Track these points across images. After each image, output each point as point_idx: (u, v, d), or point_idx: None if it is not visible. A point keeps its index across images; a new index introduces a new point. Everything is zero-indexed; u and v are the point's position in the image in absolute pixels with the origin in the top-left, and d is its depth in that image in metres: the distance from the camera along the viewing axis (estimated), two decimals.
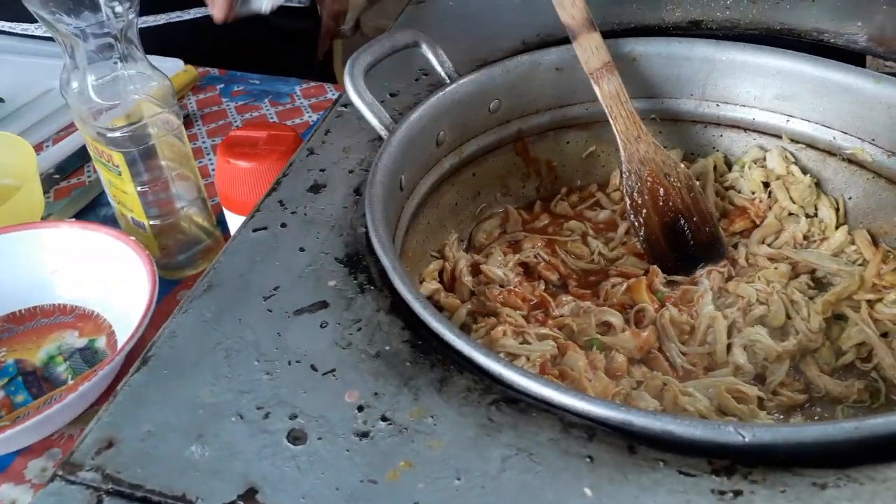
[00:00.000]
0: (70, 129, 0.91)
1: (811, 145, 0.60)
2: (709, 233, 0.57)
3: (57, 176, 0.85)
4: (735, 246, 0.59)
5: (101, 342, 0.64)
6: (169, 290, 0.68)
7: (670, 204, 0.57)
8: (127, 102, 0.62)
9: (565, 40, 0.58)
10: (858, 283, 0.53)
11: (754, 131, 0.62)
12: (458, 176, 0.61)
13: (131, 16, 0.59)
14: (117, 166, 0.63)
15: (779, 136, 0.61)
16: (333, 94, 0.96)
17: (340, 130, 0.57)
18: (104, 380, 0.58)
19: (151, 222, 0.67)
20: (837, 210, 0.59)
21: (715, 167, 0.63)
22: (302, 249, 0.46)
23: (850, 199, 0.59)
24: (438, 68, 0.58)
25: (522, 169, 0.65)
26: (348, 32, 2.10)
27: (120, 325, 0.64)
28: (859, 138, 0.57)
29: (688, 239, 0.57)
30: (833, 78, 0.56)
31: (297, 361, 0.39)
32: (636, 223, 0.58)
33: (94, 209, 0.80)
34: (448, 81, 0.58)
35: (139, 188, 0.65)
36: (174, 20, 1.06)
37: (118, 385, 0.39)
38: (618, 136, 0.57)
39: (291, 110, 0.93)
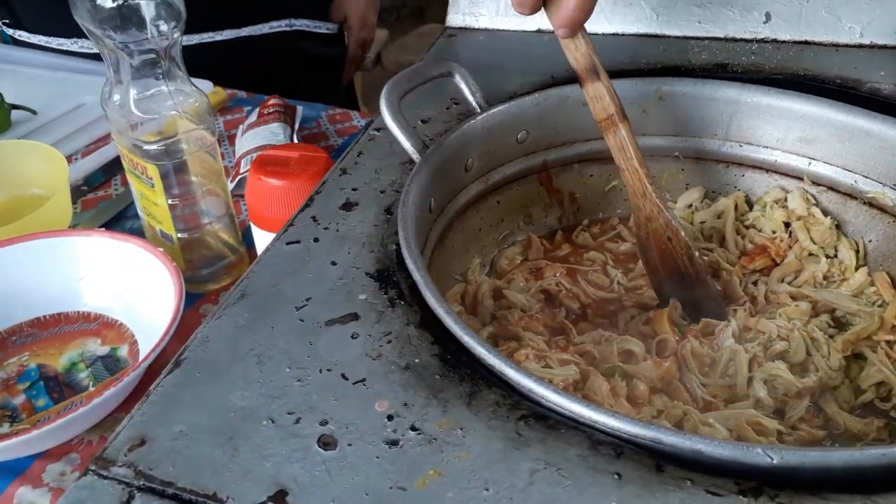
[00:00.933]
0: (99, 143, 0.93)
1: (832, 188, 0.61)
2: (710, 296, 0.57)
3: (85, 188, 0.87)
4: (755, 283, 0.60)
5: (124, 351, 0.64)
6: (192, 303, 0.69)
7: (670, 264, 0.57)
8: (164, 117, 0.64)
9: None
10: (878, 324, 0.54)
11: (776, 172, 0.63)
12: (484, 202, 0.62)
13: (176, 35, 0.61)
14: (151, 178, 0.64)
15: (800, 178, 0.62)
16: (359, 121, 0.98)
17: (372, 153, 0.58)
18: (126, 388, 0.58)
19: (179, 235, 0.68)
20: (857, 252, 0.59)
21: (736, 206, 0.64)
22: (334, 263, 0.47)
23: (870, 241, 0.59)
24: (470, 98, 0.60)
25: (545, 199, 0.66)
26: (369, 66, 2.15)
27: (143, 335, 0.64)
28: (881, 182, 0.58)
29: (690, 296, 0.57)
30: (855, 123, 0.58)
31: (328, 370, 0.40)
32: (645, 261, 0.59)
33: (119, 222, 0.81)
34: (479, 111, 0.59)
35: (170, 201, 0.66)
36: (205, 41, 1.08)
37: (146, 389, 0.40)
38: (628, 187, 0.57)
39: (317, 134, 0.95)
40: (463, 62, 0.72)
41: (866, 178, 0.59)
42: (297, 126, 0.92)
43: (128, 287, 0.66)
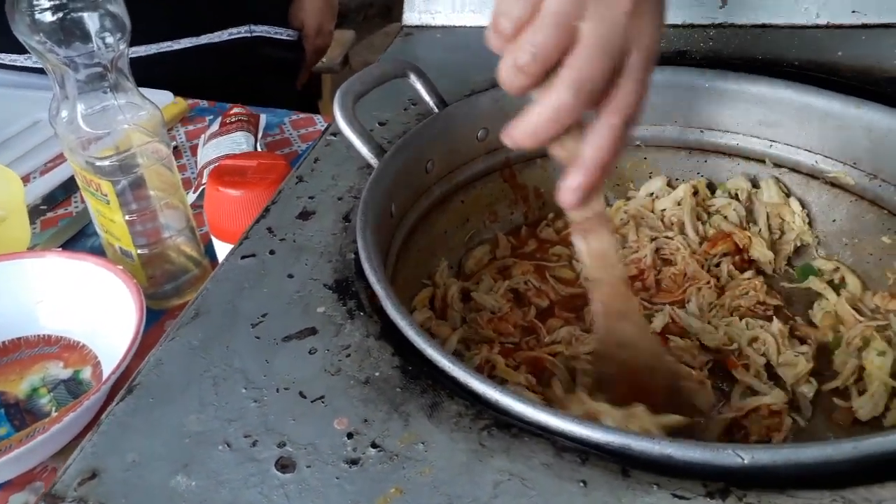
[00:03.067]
0: (57, 160, 0.91)
1: (794, 169, 0.60)
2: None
3: (44, 207, 0.85)
4: (717, 265, 0.59)
5: (87, 373, 0.63)
6: (156, 319, 0.68)
7: (644, 397, 0.42)
8: (116, 132, 0.62)
9: None
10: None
11: (739, 157, 0.63)
12: (448, 203, 0.61)
13: (122, 46, 0.59)
14: (105, 195, 0.63)
15: (763, 161, 0.62)
16: (322, 126, 0.96)
17: (329, 159, 0.57)
18: (89, 411, 0.57)
19: (139, 251, 0.67)
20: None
21: (696, 192, 0.64)
22: (290, 276, 0.46)
23: (833, 221, 0.59)
24: (427, 98, 0.58)
25: (510, 195, 0.65)
26: (337, 67, 2.13)
27: (106, 356, 0.63)
28: (841, 162, 0.57)
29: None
30: (814, 103, 0.57)
31: (286, 388, 0.39)
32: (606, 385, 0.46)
33: (80, 240, 0.79)
34: (436, 111, 0.58)
35: (127, 217, 0.64)
36: (164, 50, 1.06)
37: (101, 416, 0.38)
38: (596, 305, 0.45)
39: (280, 141, 0.94)
40: (421, 61, 0.71)
41: (827, 157, 0.58)
42: (260, 134, 0.90)
43: (88, 307, 0.64)
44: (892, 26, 0.66)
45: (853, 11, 0.66)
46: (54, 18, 0.56)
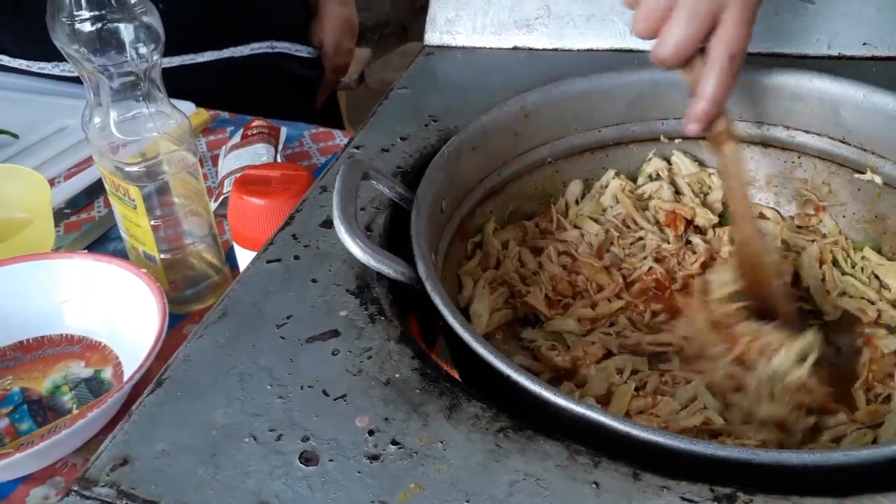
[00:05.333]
0: (82, 165, 0.93)
1: (686, 137, 0.64)
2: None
3: (67, 211, 0.87)
4: (689, 242, 0.63)
5: (108, 373, 0.64)
6: (175, 323, 0.69)
7: (758, 289, 0.54)
8: (145, 139, 0.64)
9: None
10: None
11: (634, 142, 0.66)
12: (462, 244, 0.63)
13: (155, 57, 0.61)
14: (133, 200, 0.65)
15: (658, 139, 0.66)
16: (341, 139, 0.98)
17: None
18: (110, 409, 0.58)
19: (162, 256, 0.68)
20: None
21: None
22: (314, 281, 0.48)
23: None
24: (389, 193, 0.55)
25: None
26: (353, 84, 2.16)
27: (127, 357, 0.64)
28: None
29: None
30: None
31: (310, 387, 0.40)
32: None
33: (103, 244, 0.81)
34: (400, 202, 0.55)
35: (152, 222, 0.66)
36: (187, 63, 1.09)
37: (132, 407, 0.40)
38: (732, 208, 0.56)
39: (300, 154, 0.96)
40: (440, 80, 0.74)
41: None
42: (280, 147, 0.92)
43: (111, 309, 0.66)
44: None
45: (864, 44, 0.68)
46: (92, 28, 0.58)
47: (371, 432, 0.37)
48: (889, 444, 0.34)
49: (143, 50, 0.61)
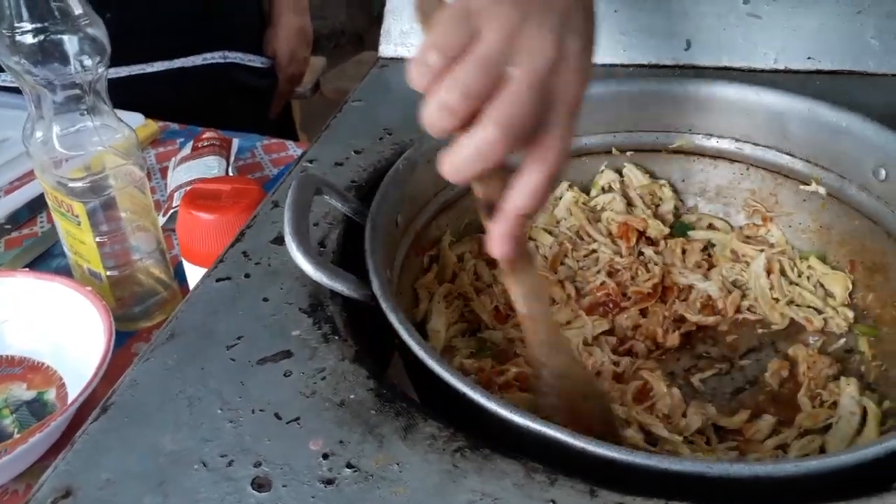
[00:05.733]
0: (23, 179, 0.90)
1: (638, 150, 0.67)
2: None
3: (8, 226, 0.84)
4: (641, 253, 0.64)
5: (51, 395, 0.62)
6: (123, 342, 0.67)
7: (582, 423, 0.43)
8: (89, 153, 0.62)
9: None
10: None
11: (589, 154, 0.67)
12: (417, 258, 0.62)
13: (101, 70, 0.60)
14: (77, 216, 0.63)
15: (609, 152, 0.67)
16: (294, 150, 0.97)
17: None
18: (54, 433, 0.56)
19: (108, 273, 0.66)
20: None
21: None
22: (265, 300, 0.47)
23: (682, 181, 0.68)
24: (342, 208, 0.54)
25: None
26: (307, 93, 2.14)
27: (71, 378, 0.62)
28: (679, 132, 0.66)
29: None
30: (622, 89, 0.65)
31: (261, 410, 0.39)
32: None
33: (46, 260, 0.79)
34: (354, 217, 0.54)
35: (98, 239, 0.64)
36: (136, 73, 1.06)
37: (75, 434, 0.38)
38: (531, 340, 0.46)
39: (252, 165, 0.94)
40: (395, 93, 0.73)
41: (667, 132, 0.66)
42: (232, 159, 0.91)
43: (54, 328, 0.64)
44: (843, 73, 0.69)
45: (808, 58, 0.70)
46: (34, 40, 0.57)
47: (325, 456, 0.36)
48: (837, 455, 0.35)
49: (87, 62, 0.59)
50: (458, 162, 0.37)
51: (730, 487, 0.35)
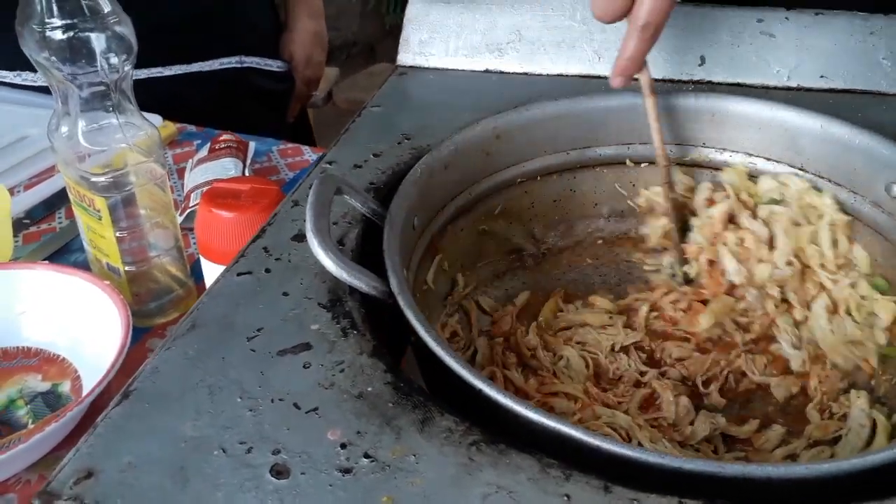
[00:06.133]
0: (42, 176, 0.92)
1: (651, 162, 0.66)
2: None
3: (27, 221, 0.85)
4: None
5: (66, 387, 0.63)
6: (138, 337, 0.68)
7: None
8: (112, 150, 0.63)
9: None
10: None
11: (602, 165, 0.69)
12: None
13: (126, 68, 0.61)
14: (98, 211, 0.64)
15: (623, 163, 0.68)
16: (310, 155, 0.98)
17: None
18: (68, 425, 0.57)
19: (126, 268, 0.67)
20: None
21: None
22: (286, 294, 0.47)
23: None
24: (361, 208, 0.54)
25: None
26: (320, 103, 2.16)
27: (87, 371, 0.63)
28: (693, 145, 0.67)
29: None
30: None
31: (280, 400, 0.40)
32: None
33: (63, 255, 0.80)
34: (372, 217, 0.55)
35: (117, 234, 0.65)
36: (154, 76, 1.08)
37: (90, 425, 0.39)
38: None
39: (268, 168, 0.95)
40: (413, 100, 0.74)
41: (681, 145, 0.67)
42: (248, 161, 0.92)
43: (72, 321, 0.65)
44: (855, 92, 0.70)
45: (821, 77, 0.71)
46: (63, 37, 0.58)
47: (343, 445, 0.37)
48: (850, 459, 0.35)
49: (114, 60, 0.60)
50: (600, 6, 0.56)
51: (742, 488, 0.35)
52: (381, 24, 3.01)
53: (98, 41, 0.59)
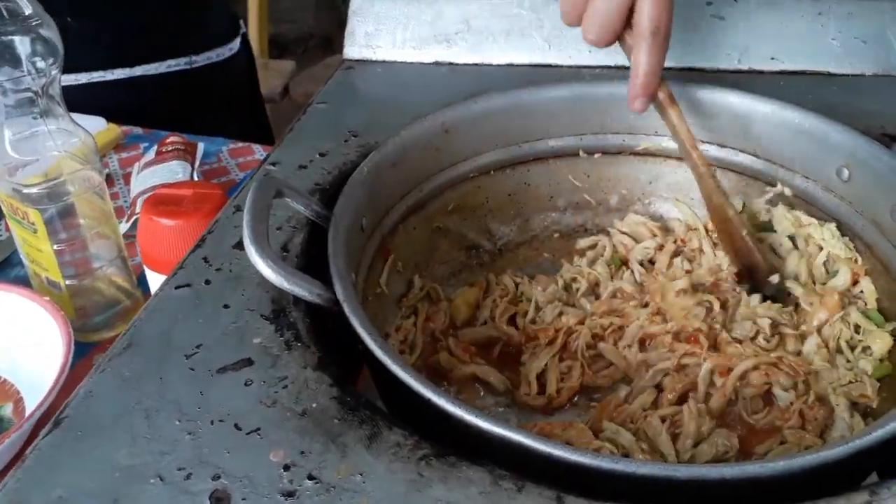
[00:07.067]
0: None
1: (605, 152, 0.66)
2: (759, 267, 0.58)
3: None
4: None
5: (8, 409, 0.60)
6: (84, 353, 0.66)
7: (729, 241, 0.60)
8: (46, 159, 0.61)
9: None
10: None
11: (556, 157, 0.67)
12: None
13: (54, 72, 0.58)
14: (33, 224, 0.61)
15: (576, 154, 0.66)
16: (261, 154, 0.96)
17: None
18: (10, 448, 0.54)
19: (68, 282, 0.65)
20: None
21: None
22: (226, 306, 0.46)
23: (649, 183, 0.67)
24: (305, 211, 0.52)
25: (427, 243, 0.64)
26: (277, 98, 2.12)
27: (29, 391, 0.60)
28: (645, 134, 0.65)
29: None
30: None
31: (221, 421, 0.38)
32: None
33: (5, 269, 0.76)
34: (317, 221, 0.53)
35: (56, 247, 0.63)
36: (96, 80, 1.04)
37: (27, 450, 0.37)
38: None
39: (218, 169, 0.93)
40: (361, 95, 0.72)
41: (634, 135, 0.66)
42: (197, 164, 0.89)
43: (11, 340, 0.62)
44: (806, 73, 0.70)
45: (772, 58, 0.71)
46: None
47: (286, 467, 0.36)
48: (804, 455, 0.35)
49: (40, 64, 0.57)
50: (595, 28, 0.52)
51: (698, 490, 0.35)
52: (337, 16, 2.97)
53: (22, 45, 0.56)
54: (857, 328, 0.54)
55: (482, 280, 0.63)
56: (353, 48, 0.77)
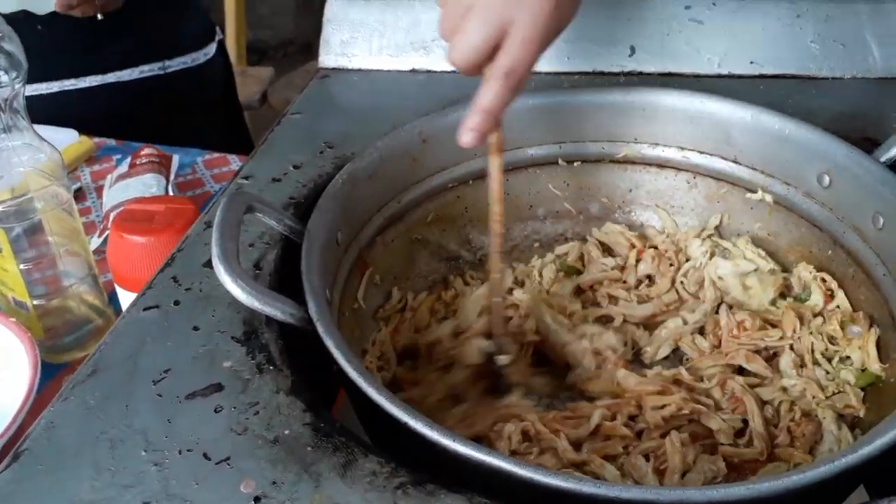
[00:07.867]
0: None
1: (584, 160, 0.66)
2: None
3: None
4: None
5: None
6: (52, 374, 0.64)
7: None
8: (12, 175, 0.59)
9: None
10: None
11: (535, 165, 0.66)
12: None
13: (17, 86, 0.56)
14: None
15: (555, 162, 0.65)
16: (236, 164, 0.94)
17: None
18: None
19: (36, 302, 0.63)
20: None
21: None
22: (196, 328, 0.44)
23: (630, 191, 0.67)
24: (278, 226, 0.51)
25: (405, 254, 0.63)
26: (255, 105, 2.09)
27: None
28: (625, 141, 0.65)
29: None
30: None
31: (189, 450, 0.37)
32: None
33: None
34: (291, 236, 0.51)
35: (22, 266, 0.61)
36: (68, 88, 1.02)
37: None
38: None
39: (193, 181, 0.91)
40: (337, 103, 0.71)
41: (613, 142, 0.65)
42: (172, 176, 0.87)
43: None
44: (786, 77, 0.69)
45: (751, 62, 0.70)
46: None
47: (257, 499, 0.34)
48: (789, 475, 0.34)
49: (3, 78, 0.56)
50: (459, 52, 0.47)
51: None
52: (317, 22, 2.95)
53: None
54: (831, 339, 0.53)
55: (440, 285, 0.62)
56: (329, 56, 0.75)
